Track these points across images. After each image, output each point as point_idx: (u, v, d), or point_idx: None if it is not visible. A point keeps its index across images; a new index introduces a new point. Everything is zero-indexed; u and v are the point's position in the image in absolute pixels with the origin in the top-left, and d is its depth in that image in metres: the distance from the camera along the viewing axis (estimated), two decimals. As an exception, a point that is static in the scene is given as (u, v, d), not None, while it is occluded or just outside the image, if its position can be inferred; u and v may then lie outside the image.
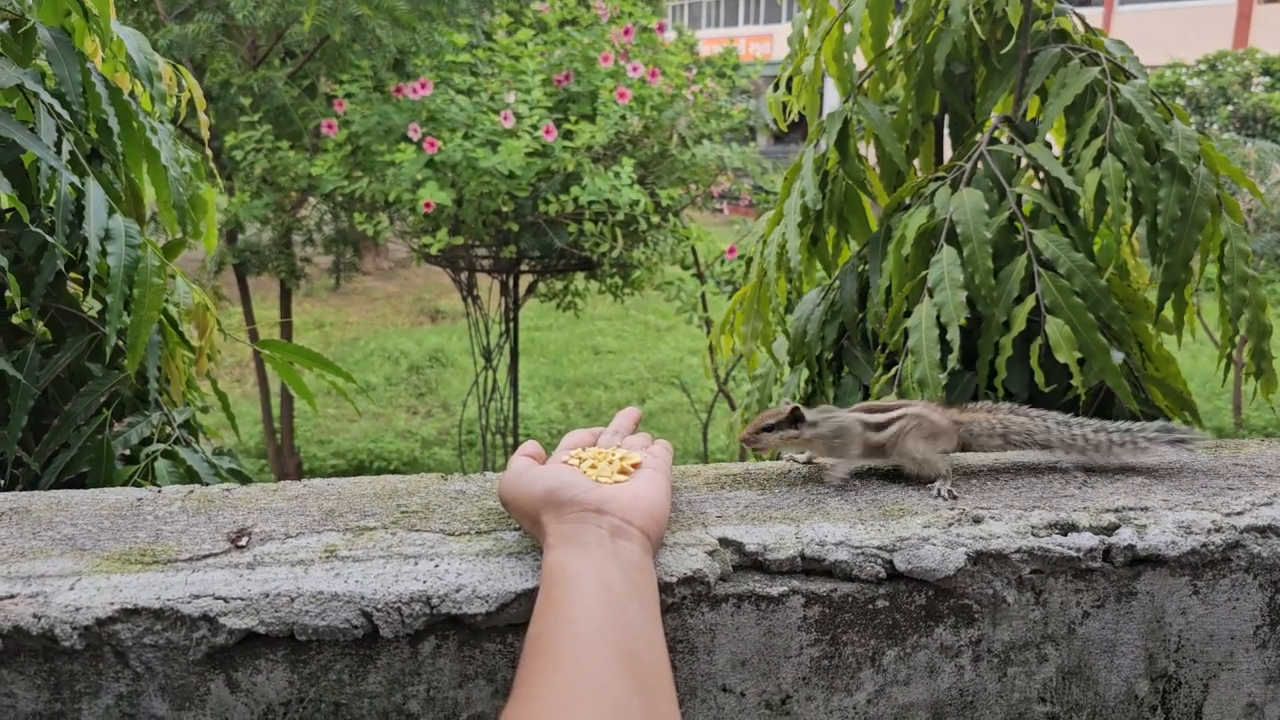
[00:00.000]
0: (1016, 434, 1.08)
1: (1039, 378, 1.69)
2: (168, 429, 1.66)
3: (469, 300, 6.39)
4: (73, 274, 1.69)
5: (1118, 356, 1.74)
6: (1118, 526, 0.92)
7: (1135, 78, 1.83)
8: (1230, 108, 13.45)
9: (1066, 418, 1.08)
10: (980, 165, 1.86)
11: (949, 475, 1.02)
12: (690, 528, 0.93)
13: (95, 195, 1.50)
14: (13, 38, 1.54)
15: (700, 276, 6.21)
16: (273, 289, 9.22)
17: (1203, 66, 14.18)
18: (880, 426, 1.06)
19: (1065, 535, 0.92)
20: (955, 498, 0.99)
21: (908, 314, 1.80)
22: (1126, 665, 0.93)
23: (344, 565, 0.87)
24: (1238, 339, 1.81)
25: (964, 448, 1.10)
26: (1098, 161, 1.75)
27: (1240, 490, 1.00)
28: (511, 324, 6.43)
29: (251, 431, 8.67)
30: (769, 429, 1.04)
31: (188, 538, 0.92)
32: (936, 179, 1.91)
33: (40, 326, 1.62)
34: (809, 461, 1.10)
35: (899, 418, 1.06)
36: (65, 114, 1.52)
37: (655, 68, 5.50)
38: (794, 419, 1.04)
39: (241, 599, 0.82)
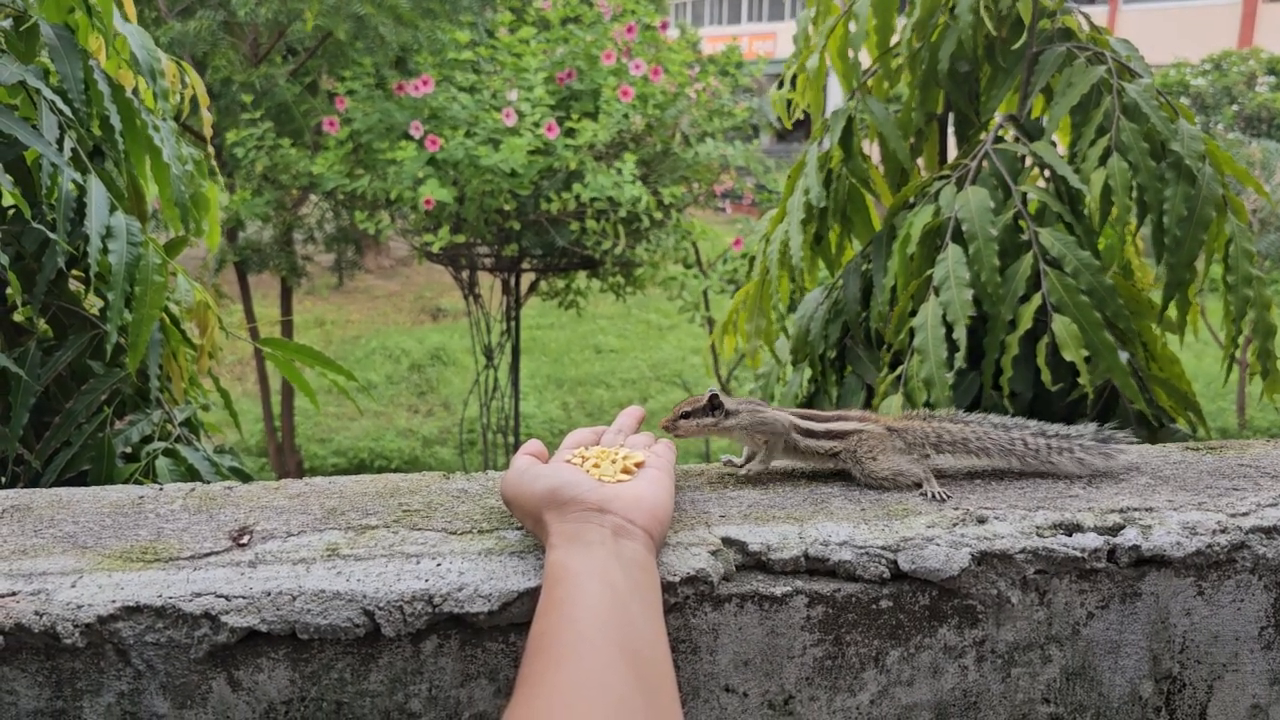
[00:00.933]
0: (950, 443, 1.06)
1: (1045, 376, 1.69)
2: (169, 427, 1.66)
3: (470, 298, 6.39)
4: (74, 271, 1.69)
5: (1123, 356, 1.74)
6: (1122, 527, 0.92)
7: (1141, 77, 1.83)
8: (1235, 107, 13.43)
9: (1005, 420, 1.07)
10: (985, 164, 1.86)
11: (930, 477, 1.02)
12: (693, 527, 0.93)
13: (97, 192, 1.50)
14: (15, 34, 1.54)
15: (703, 275, 6.21)
16: (274, 287, 9.22)
17: (1207, 66, 14.16)
18: (814, 434, 1.04)
19: (1070, 535, 0.91)
20: (948, 498, 0.99)
21: (913, 313, 1.79)
22: (1131, 666, 0.93)
23: (346, 564, 0.87)
24: (1242, 339, 1.80)
25: None
26: (1103, 160, 1.75)
27: (1245, 491, 1.00)
28: (513, 322, 6.44)
29: (252, 430, 8.67)
30: (687, 415, 1.04)
31: (189, 536, 0.92)
32: (941, 177, 1.91)
33: (42, 324, 1.62)
34: (746, 462, 1.09)
35: (843, 433, 1.04)
36: (68, 111, 1.52)
37: (658, 66, 5.50)
38: (712, 406, 1.03)
39: (243, 597, 0.82)
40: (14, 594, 0.82)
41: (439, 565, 0.86)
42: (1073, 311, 1.70)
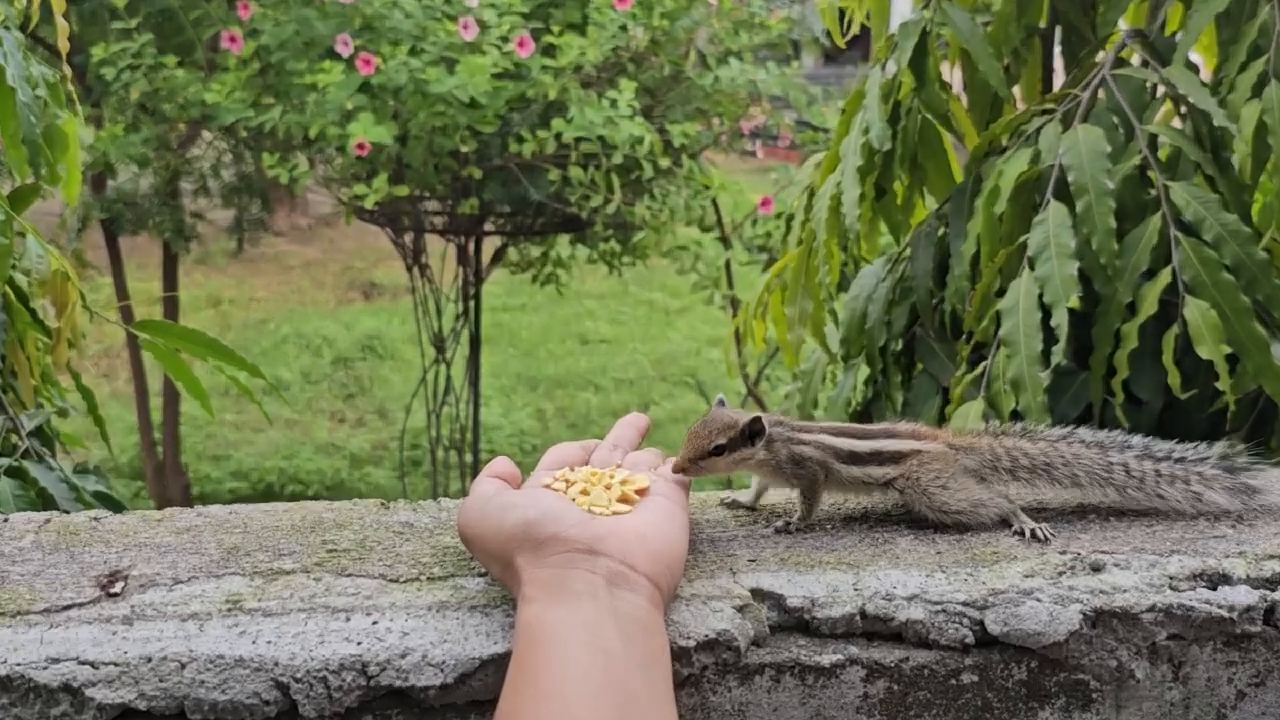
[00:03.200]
0: (1027, 467, 1.05)
1: (1173, 379, 1.69)
2: (14, 438, 1.66)
3: (415, 271, 6.40)
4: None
5: (1281, 352, 1.74)
6: (1284, 578, 0.93)
7: (1310, -21, 1.83)
8: None
9: (1101, 438, 1.06)
10: (1101, 94, 1.86)
11: (1018, 510, 1.02)
12: (714, 574, 0.93)
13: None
14: None
15: (724, 241, 6.21)
16: (153, 254, 9.23)
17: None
18: (859, 459, 1.03)
19: (1214, 589, 0.92)
20: (1052, 537, 0.99)
21: (1001, 292, 1.80)
22: (1293, 762, 0.93)
23: (251, 620, 0.87)
24: None
25: None
26: (1258, 91, 1.75)
27: None
28: (472, 303, 6.44)
29: (124, 444, 8.69)
30: (719, 450, 0.99)
31: (43, 582, 0.92)
32: (1043, 112, 1.91)
33: None
34: (758, 495, 1.09)
35: (897, 454, 1.03)
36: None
37: (666, -38, 5.50)
38: (751, 433, 1.00)
39: (115, 664, 0.82)
40: None
41: (375, 623, 0.86)
42: (1212, 294, 1.70)
